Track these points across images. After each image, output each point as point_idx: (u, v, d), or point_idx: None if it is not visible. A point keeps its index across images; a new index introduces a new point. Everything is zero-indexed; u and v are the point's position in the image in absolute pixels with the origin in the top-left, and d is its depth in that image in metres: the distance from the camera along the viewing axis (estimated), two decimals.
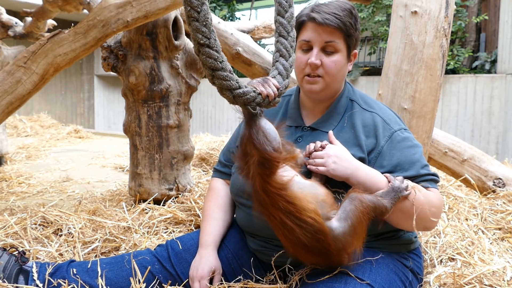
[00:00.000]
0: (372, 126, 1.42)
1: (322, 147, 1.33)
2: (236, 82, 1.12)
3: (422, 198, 1.31)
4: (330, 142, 1.36)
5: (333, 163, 1.29)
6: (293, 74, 2.90)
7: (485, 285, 1.43)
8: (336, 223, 1.21)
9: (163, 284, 1.47)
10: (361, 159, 1.37)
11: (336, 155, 1.30)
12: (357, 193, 1.25)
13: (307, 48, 1.43)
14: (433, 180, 1.40)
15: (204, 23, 1.07)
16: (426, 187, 1.37)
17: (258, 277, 1.51)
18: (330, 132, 1.38)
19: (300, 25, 1.44)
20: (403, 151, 1.38)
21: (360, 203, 1.23)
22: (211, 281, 1.45)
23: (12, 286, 1.44)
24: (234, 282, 1.50)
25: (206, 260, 1.47)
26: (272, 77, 1.21)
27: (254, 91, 1.15)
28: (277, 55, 1.23)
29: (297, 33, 1.44)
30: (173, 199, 2.66)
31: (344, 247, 1.22)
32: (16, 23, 4.27)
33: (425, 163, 1.41)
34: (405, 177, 1.35)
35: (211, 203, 1.62)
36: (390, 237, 1.42)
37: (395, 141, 1.39)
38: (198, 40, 1.08)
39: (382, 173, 1.36)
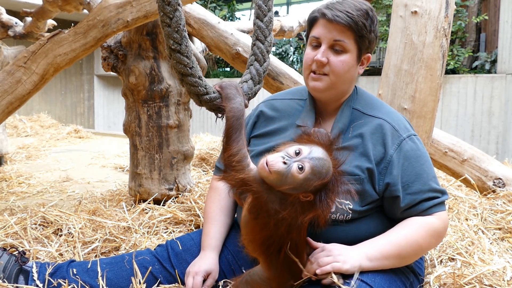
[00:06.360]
0: (380, 133, 1.37)
1: (323, 249, 1.27)
2: (204, 88, 1.16)
3: (421, 241, 1.31)
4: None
5: (339, 255, 1.24)
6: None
7: (485, 285, 1.43)
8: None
9: (162, 284, 1.47)
10: (369, 170, 1.34)
11: (337, 249, 1.25)
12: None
13: (316, 44, 1.39)
14: (441, 202, 1.37)
15: (176, 29, 1.10)
16: (430, 214, 1.34)
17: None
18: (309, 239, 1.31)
19: (311, 21, 1.41)
20: (411, 162, 1.35)
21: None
22: (203, 282, 1.44)
23: (12, 286, 1.44)
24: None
25: (206, 260, 1.47)
26: (244, 81, 1.24)
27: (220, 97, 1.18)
28: (252, 58, 1.26)
29: (309, 29, 1.43)
30: (173, 199, 2.66)
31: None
32: (16, 23, 4.26)
33: (433, 175, 1.38)
34: (411, 193, 1.34)
35: (214, 205, 1.59)
36: None
37: (404, 150, 1.36)
38: (169, 46, 1.12)
39: (391, 183, 1.33)
